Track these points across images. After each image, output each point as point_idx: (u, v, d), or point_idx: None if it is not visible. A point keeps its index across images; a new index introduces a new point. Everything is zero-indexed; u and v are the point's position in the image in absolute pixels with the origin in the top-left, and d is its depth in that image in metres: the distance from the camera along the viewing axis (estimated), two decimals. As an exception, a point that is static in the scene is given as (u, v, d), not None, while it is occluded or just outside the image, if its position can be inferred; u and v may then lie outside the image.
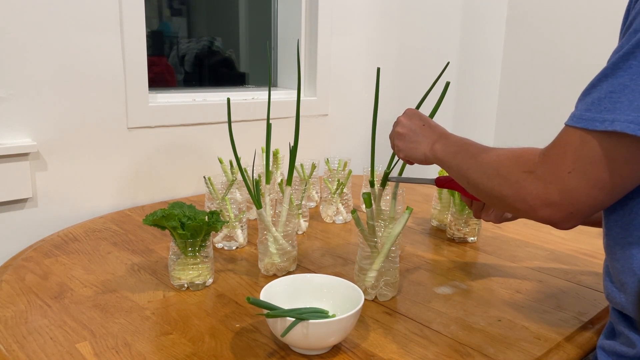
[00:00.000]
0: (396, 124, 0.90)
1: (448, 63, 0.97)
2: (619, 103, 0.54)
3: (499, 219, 0.90)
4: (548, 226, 0.64)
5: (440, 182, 0.96)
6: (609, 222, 0.65)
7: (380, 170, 1.35)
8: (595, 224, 0.87)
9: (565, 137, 0.58)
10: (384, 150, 1.10)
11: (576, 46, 1.99)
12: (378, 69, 1.01)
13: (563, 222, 0.61)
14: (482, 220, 1.16)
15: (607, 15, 1.89)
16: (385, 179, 1.02)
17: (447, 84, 0.96)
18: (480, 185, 0.70)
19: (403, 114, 0.90)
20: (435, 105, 0.98)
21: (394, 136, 0.90)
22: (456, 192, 1.13)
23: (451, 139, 0.81)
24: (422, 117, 0.88)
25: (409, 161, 0.89)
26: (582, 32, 1.97)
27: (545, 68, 2.10)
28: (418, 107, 0.98)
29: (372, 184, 1.03)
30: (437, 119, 0.92)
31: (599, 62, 1.99)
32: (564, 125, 0.59)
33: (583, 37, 1.96)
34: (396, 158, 0.97)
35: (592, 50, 1.95)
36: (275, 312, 0.68)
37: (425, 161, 0.84)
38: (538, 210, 0.61)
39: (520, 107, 2.20)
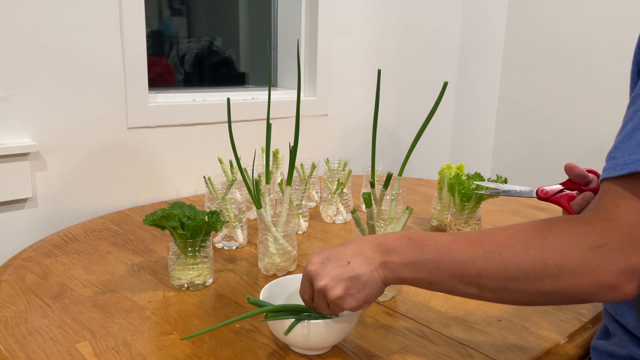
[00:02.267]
0: (319, 293, 0.62)
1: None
2: None
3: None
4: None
5: (543, 196, 0.80)
6: None
7: (380, 170, 1.35)
8: None
9: (620, 194, 0.49)
10: (384, 150, 1.10)
11: (576, 46, 1.99)
12: (379, 71, 1.00)
13: None
14: (481, 220, 1.17)
15: (607, 15, 1.89)
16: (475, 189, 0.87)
17: (445, 84, 0.95)
18: (520, 291, 0.53)
19: (311, 278, 0.63)
20: (434, 105, 0.98)
21: (335, 306, 0.63)
22: (456, 192, 1.13)
23: (407, 248, 0.59)
24: (333, 257, 0.63)
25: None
26: (582, 32, 1.97)
27: (545, 68, 2.10)
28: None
29: (372, 185, 1.03)
30: (436, 119, 0.92)
31: (599, 62, 2.00)
32: (602, 181, 0.52)
33: (583, 37, 1.97)
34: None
35: (592, 50, 1.95)
36: (274, 314, 0.68)
37: (389, 284, 0.62)
38: (624, 287, 0.49)
39: (520, 107, 2.21)
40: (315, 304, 0.65)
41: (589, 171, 0.84)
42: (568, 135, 2.04)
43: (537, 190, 0.79)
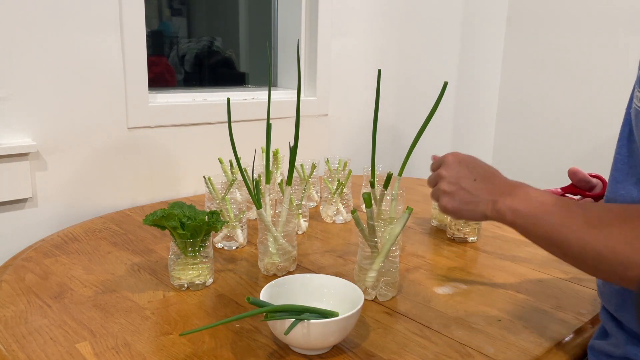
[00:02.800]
0: (439, 177, 0.75)
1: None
2: None
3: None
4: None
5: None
6: None
7: (380, 170, 1.35)
8: None
9: None
10: (385, 150, 1.10)
11: (576, 46, 1.99)
12: (379, 71, 1.00)
13: None
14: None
15: (607, 15, 1.89)
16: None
17: (445, 84, 0.95)
18: (590, 264, 0.57)
19: (444, 164, 0.75)
20: (434, 105, 0.98)
21: (438, 195, 0.75)
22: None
23: (519, 196, 0.65)
24: (470, 165, 0.72)
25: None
26: (582, 32, 1.97)
27: (545, 68, 2.10)
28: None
29: (372, 185, 1.03)
30: (436, 119, 0.92)
31: (599, 62, 2.00)
32: None
33: (583, 37, 1.96)
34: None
35: (592, 50, 1.95)
36: (273, 314, 0.68)
37: (488, 220, 0.70)
38: None
39: (520, 107, 2.21)
40: (430, 179, 0.78)
41: (593, 176, 0.84)
42: (568, 136, 2.04)
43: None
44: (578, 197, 0.77)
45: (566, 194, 0.78)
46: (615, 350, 0.65)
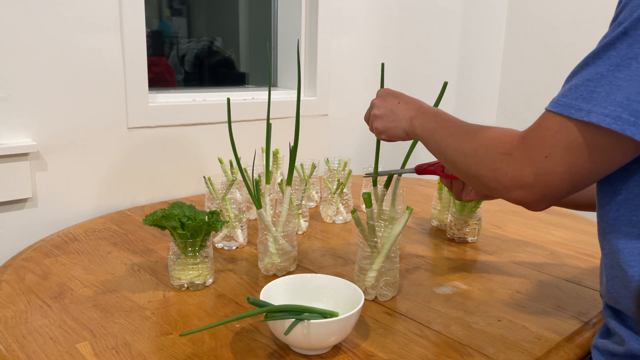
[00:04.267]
0: (371, 106, 0.90)
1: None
2: (595, 93, 0.55)
3: (480, 196, 0.92)
4: (548, 226, 0.64)
5: (420, 170, 0.97)
6: (598, 217, 0.66)
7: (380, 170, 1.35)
8: (568, 205, 0.91)
9: (544, 121, 0.60)
10: (385, 150, 1.10)
11: (576, 46, 1.99)
12: (382, 65, 1.01)
13: (535, 204, 0.62)
14: (481, 220, 1.17)
15: (607, 14, 1.89)
16: (375, 179, 1.05)
17: (445, 84, 0.96)
18: (458, 164, 0.71)
19: (376, 96, 0.90)
20: (434, 105, 0.98)
21: (371, 119, 0.89)
22: (456, 192, 1.13)
23: (428, 114, 0.80)
24: (396, 94, 0.87)
25: (391, 140, 0.89)
26: (582, 32, 1.97)
27: (546, 68, 2.10)
28: None
29: (374, 183, 1.03)
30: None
31: (599, 62, 1.93)
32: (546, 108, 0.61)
33: (583, 37, 1.96)
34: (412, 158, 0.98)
35: (592, 50, 1.95)
36: (273, 314, 0.68)
37: (407, 137, 0.84)
38: (512, 191, 0.62)
39: (520, 107, 2.21)
40: (366, 114, 0.92)
41: None
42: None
43: (415, 167, 0.97)
44: None
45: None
46: (619, 348, 0.66)
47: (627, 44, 0.55)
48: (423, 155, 1.19)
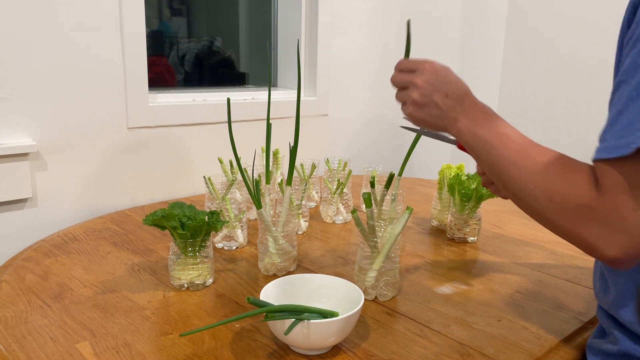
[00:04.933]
0: (411, 84, 0.74)
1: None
2: None
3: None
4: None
5: (462, 146, 0.83)
6: None
7: (380, 170, 1.35)
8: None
9: (609, 172, 0.53)
10: (385, 150, 1.10)
11: (576, 46, 1.99)
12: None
13: (630, 263, 0.55)
14: (481, 220, 1.17)
15: (607, 14, 1.89)
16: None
17: (408, 21, 0.93)
18: (525, 204, 0.61)
19: (419, 71, 0.74)
20: (405, 52, 0.96)
21: (408, 101, 0.75)
22: (456, 193, 1.13)
23: (479, 119, 0.68)
24: (445, 79, 0.72)
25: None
26: (582, 31, 1.97)
27: (545, 68, 2.10)
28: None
29: (372, 184, 1.03)
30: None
31: (599, 62, 2.00)
32: (595, 160, 0.55)
33: (583, 37, 1.97)
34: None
35: (592, 50, 1.95)
36: (273, 314, 0.68)
37: (445, 132, 0.74)
38: (603, 252, 0.55)
39: (520, 107, 2.21)
40: (397, 80, 0.76)
41: None
42: (568, 135, 2.04)
43: (458, 142, 0.82)
44: None
45: None
46: (612, 348, 0.66)
47: None
48: (423, 155, 1.19)
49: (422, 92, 0.73)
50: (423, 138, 0.95)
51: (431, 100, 0.72)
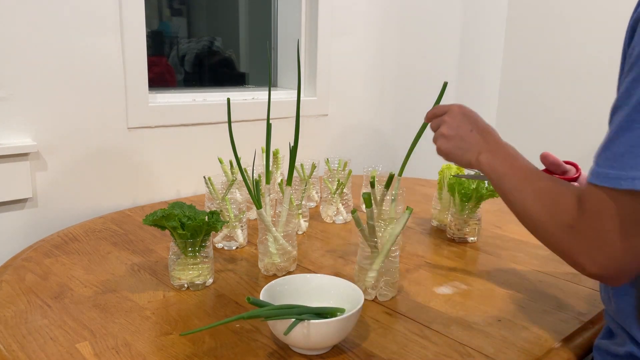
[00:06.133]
0: (441, 122, 0.84)
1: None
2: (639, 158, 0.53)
3: None
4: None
5: None
6: None
7: (380, 170, 1.35)
8: None
9: (596, 196, 0.56)
10: (385, 150, 1.10)
11: (576, 46, 1.99)
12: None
13: (613, 280, 0.59)
14: (481, 220, 1.17)
15: (607, 14, 1.89)
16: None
17: (445, 84, 0.95)
18: (527, 224, 0.68)
19: (450, 111, 0.83)
20: (434, 105, 0.98)
21: (437, 135, 0.84)
22: (456, 193, 1.13)
23: (499, 154, 0.75)
24: (472, 118, 0.81)
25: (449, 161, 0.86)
26: (582, 32, 1.97)
27: (545, 68, 2.10)
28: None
29: (372, 184, 1.03)
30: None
31: (599, 62, 2.00)
32: (590, 182, 0.57)
33: (583, 37, 1.97)
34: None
35: (592, 50, 1.95)
36: (273, 314, 0.68)
37: (470, 167, 0.81)
38: (585, 268, 0.60)
39: (520, 107, 2.21)
40: (433, 123, 0.86)
41: (568, 163, 0.88)
42: (568, 135, 2.04)
43: None
44: None
45: None
46: (620, 349, 0.66)
47: None
48: (423, 155, 1.19)
49: (449, 126, 0.82)
50: (423, 138, 0.96)
51: (457, 134, 0.80)
